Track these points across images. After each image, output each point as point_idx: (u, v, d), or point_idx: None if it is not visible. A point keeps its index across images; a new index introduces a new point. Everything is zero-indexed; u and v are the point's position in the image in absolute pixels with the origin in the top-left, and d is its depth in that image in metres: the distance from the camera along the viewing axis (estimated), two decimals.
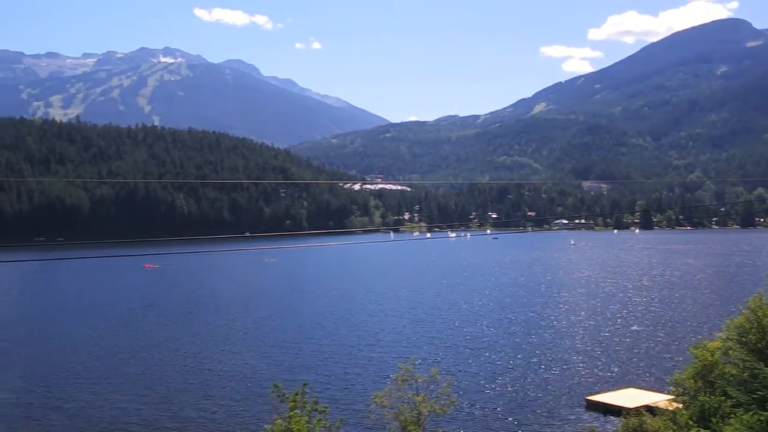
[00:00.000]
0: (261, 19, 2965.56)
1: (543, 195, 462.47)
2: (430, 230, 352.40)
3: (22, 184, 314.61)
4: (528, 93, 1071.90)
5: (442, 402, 35.21)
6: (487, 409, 48.85)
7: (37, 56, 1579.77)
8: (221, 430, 45.88)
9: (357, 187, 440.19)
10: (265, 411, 46.42)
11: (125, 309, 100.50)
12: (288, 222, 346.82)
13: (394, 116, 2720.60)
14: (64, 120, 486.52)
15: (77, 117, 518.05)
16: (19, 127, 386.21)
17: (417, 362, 37.59)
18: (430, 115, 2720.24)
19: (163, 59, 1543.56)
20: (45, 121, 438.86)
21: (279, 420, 28.97)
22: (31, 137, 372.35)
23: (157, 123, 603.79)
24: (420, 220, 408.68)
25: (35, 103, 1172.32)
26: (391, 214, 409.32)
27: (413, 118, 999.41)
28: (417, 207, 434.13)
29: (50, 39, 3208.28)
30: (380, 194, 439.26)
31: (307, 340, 73.93)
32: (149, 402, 52.10)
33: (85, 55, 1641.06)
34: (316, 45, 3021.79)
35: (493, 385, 55.06)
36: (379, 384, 50.40)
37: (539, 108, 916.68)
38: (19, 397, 54.44)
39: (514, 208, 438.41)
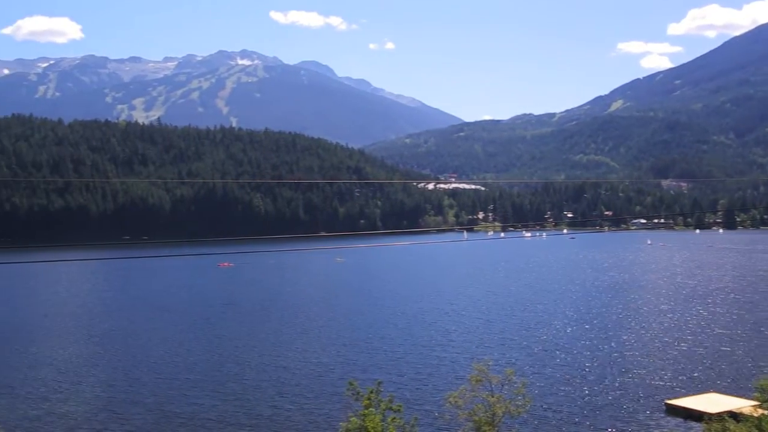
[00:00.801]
0: (335, 21, 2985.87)
1: (620, 194, 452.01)
2: (504, 230, 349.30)
3: (107, 185, 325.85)
4: (605, 90, 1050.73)
5: (517, 403, 35.06)
6: (563, 412, 48.28)
7: (121, 61, 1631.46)
8: (295, 427, 46.39)
9: (431, 186, 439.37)
10: (338, 409, 47.11)
11: (202, 307, 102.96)
12: (362, 221, 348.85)
13: (468, 115, 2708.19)
14: (147, 122, 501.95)
15: (158, 119, 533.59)
16: (104, 130, 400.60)
17: (491, 363, 37.43)
18: (504, 114, 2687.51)
19: (240, 62, 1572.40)
20: (128, 123, 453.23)
21: (354, 417, 29.37)
22: (115, 139, 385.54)
23: (234, 124, 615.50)
24: (494, 220, 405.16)
25: (119, 106, 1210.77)
26: (464, 213, 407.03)
27: (487, 117, 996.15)
28: (491, 206, 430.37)
29: (134, 44, 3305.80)
30: (454, 193, 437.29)
31: (379, 340, 74.35)
32: (224, 398, 53.13)
33: (167, 59, 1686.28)
34: (390, 45, 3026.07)
35: (568, 388, 54.37)
36: (451, 384, 50.42)
37: (616, 105, 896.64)
38: (102, 389, 56.57)
39: (591, 208, 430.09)
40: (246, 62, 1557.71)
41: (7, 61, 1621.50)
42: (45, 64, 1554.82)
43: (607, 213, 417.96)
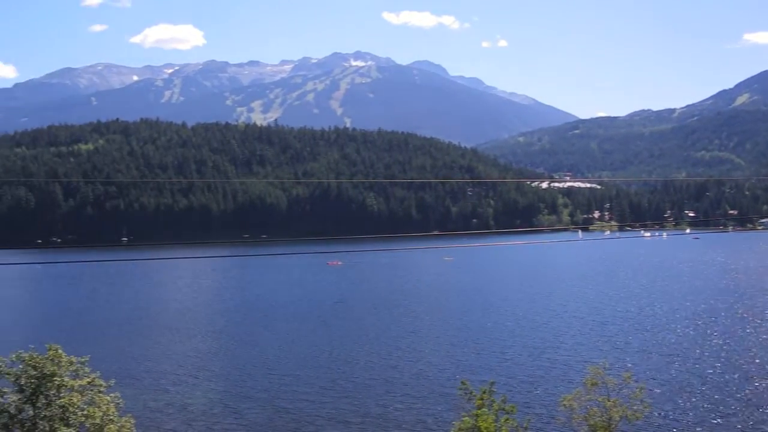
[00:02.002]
0: (448, 20, 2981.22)
1: (746, 192, 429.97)
2: (621, 229, 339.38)
3: (227, 185, 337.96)
4: (729, 84, 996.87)
5: (635, 408, 34.32)
6: (683, 421, 46.48)
7: (240, 65, 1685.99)
8: (404, 426, 46.56)
9: (544, 185, 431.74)
10: (447, 409, 47.24)
11: (314, 304, 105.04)
12: (475, 221, 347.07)
13: (583, 112, 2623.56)
14: (264, 124, 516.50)
15: (275, 121, 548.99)
16: (224, 132, 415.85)
17: (606, 366, 36.78)
18: (621, 110, 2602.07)
19: (354, 63, 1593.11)
20: (247, 125, 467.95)
21: (467, 417, 29.51)
22: (235, 141, 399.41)
23: (348, 125, 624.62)
24: (610, 219, 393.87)
25: (239, 109, 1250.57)
26: (579, 212, 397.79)
27: (603, 114, 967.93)
28: (607, 205, 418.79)
29: (252, 48, 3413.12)
30: (569, 192, 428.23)
31: (489, 341, 73.71)
32: (334, 395, 53.88)
33: (283, 62, 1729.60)
34: (503, 43, 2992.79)
35: (689, 395, 52.38)
36: (563, 387, 49.72)
37: (742, 99, 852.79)
38: (218, 383, 58.74)
39: (714, 206, 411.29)
40: (360, 63, 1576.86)
41: (136, 68, 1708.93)
42: (170, 70, 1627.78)
43: (731, 212, 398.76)
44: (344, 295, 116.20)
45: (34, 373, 28.17)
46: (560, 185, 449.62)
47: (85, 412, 28.61)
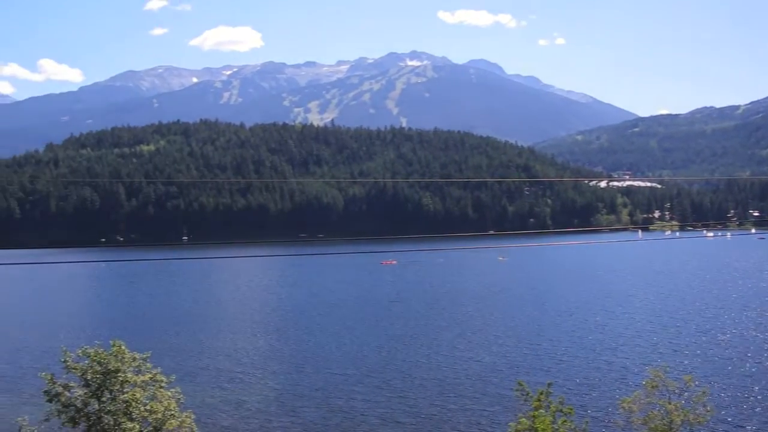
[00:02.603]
0: (504, 18, 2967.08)
1: None
2: (682, 229, 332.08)
3: (285, 185, 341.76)
4: None
5: (697, 412, 33.57)
6: (747, 428, 45.32)
7: (297, 66, 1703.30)
8: (457, 428, 46.20)
9: (603, 184, 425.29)
10: (501, 411, 46.96)
11: (369, 303, 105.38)
12: (531, 220, 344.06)
13: (643, 110, 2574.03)
14: (321, 124, 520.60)
15: (332, 121, 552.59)
16: (282, 132, 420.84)
17: (667, 369, 36.04)
18: (682, 108, 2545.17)
19: (409, 63, 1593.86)
20: (304, 126, 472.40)
21: (523, 419, 29.29)
22: (292, 141, 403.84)
23: (404, 124, 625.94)
24: (671, 219, 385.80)
25: (296, 110, 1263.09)
26: (639, 212, 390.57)
27: (663, 111, 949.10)
28: (668, 204, 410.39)
29: (309, 49, 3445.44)
30: (628, 191, 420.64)
31: (545, 341, 72.65)
32: (387, 395, 53.73)
33: (339, 63, 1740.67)
34: (560, 40, 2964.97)
35: (753, 401, 50.87)
36: (621, 390, 48.90)
37: None
38: (273, 381, 59.27)
39: None
40: (415, 63, 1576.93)
41: (196, 70, 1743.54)
42: (229, 72, 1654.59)
43: None
44: (399, 295, 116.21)
45: (99, 368, 28.92)
46: (619, 184, 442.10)
47: (147, 407, 29.27)
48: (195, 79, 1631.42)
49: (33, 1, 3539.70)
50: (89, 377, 28.86)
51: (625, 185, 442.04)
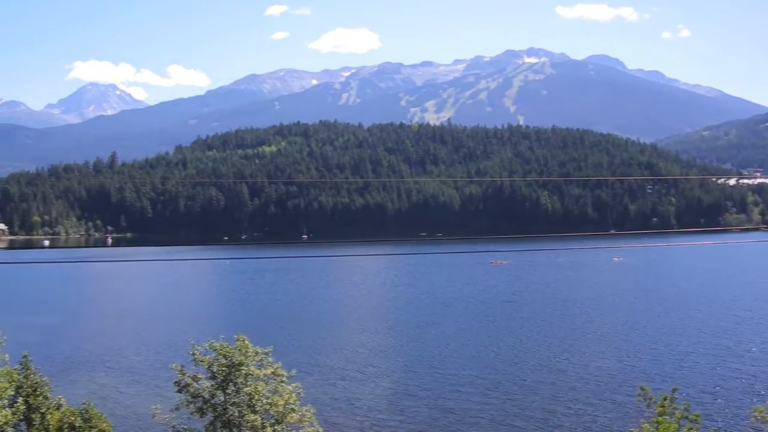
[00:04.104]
0: (626, 11, 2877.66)
1: None
2: None
3: (402, 184, 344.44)
4: None
5: None
6: None
7: (414, 66, 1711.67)
8: None
9: (732, 182, 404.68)
10: (617, 417, 45.86)
11: (483, 303, 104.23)
12: (654, 219, 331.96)
13: None
14: (437, 123, 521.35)
15: (448, 120, 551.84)
16: (399, 132, 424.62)
17: None
18: None
19: (527, 60, 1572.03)
20: (421, 125, 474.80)
21: (646, 425, 28.47)
22: (409, 141, 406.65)
23: (521, 122, 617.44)
24: None
25: (412, 109, 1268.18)
26: None
27: None
28: None
29: (426, 49, 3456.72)
30: (759, 189, 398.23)
31: (667, 346, 69.85)
32: (498, 397, 52.99)
33: (456, 62, 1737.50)
34: (685, 33, 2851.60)
35: None
36: (750, 398, 46.86)
37: None
38: (383, 379, 59.57)
39: None
40: (533, 60, 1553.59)
41: (315, 72, 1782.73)
42: (347, 73, 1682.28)
43: None
44: (513, 295, 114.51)
45: (224, 361, 30.21)
46: (750, 182, 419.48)
47: (269, 401, 30.31)
48: (314, 81, 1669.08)
49: (162, 12, 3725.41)
50: (215, 370, 30.19)
51: (756, 183, 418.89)
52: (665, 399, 28.87)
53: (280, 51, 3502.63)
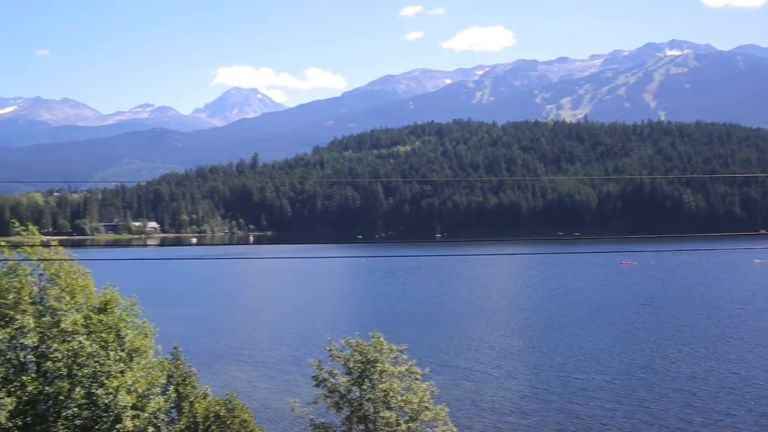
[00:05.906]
0: None
1: None
2: None
3: (537, 183, 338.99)
4: None
5: None
6: None
7: (549, 63, 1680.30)
8: None
9: None
10: (760, 430, 42.86)
11: (616, 305, 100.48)
12: None
13: None
14: (573, 121, 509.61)
15: (585, 117, 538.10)
16: (533, 130, 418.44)
17: None
18: None
19: (669, 53, 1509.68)
20: (556, 122, 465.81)
21: None
22: (544, 138, 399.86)
23: (662, 118, 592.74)
24: None
25: (548, 107, 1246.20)
26: None
27: None
28: None
29: (561, 45, 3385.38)
30: None
31: None
32: (628, 404, 50.80)
33: (593, 57, 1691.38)
34: None
35: None
36: None
37: None
38: (510, 380, 58.50)
39: None
40: (675, 52, 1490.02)
41: (449, 71, 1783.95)
42: (481, 72, 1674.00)
43: None
44: (649, 298, 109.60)
45: (360, 358, 31.00)
46: None
47: (403, 398, 30.81)
48: (448, 80, 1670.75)
49: (300, 18, 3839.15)
50: (351, 365, 31.03)
51: None
52: None
53: (414, 51, 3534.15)
